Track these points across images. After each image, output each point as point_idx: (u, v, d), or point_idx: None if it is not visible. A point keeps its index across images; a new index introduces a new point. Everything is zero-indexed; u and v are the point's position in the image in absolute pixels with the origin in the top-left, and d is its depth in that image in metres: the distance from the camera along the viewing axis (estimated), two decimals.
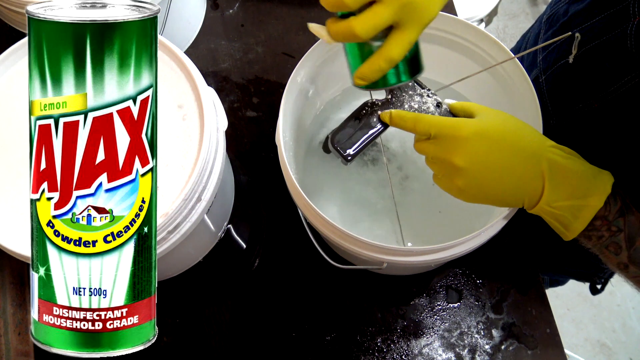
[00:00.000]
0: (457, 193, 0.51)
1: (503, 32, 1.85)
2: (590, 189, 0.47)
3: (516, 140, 0.48)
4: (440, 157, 0.49)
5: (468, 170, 0.48)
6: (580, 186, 0.47)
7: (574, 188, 0.47)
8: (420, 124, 0.50)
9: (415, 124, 0.51)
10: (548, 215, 0.49)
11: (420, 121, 0.50)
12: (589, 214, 0.47)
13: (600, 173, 0.49)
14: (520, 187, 0.48)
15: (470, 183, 0.48)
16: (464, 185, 0.49)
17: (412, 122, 0.51)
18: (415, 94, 0.55)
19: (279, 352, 0.69)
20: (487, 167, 0.48)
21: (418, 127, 0.50)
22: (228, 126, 0.63)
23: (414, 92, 0.55)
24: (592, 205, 0.47)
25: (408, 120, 0.51)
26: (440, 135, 0.49)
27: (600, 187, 0.47)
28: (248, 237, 0.76)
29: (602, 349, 1.42)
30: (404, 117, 0.52)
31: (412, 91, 0.55)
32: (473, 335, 0.69)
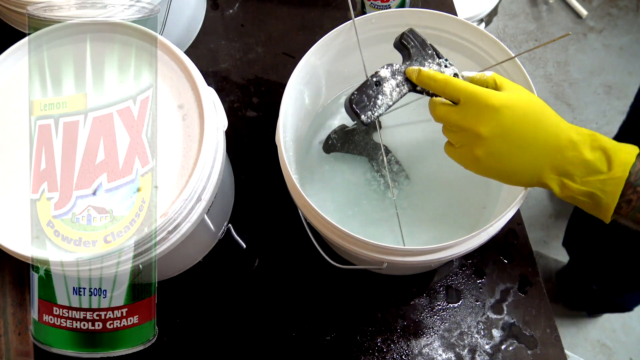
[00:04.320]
0: (472, 163, 0.50)
1: (503, 32, 1.85)
2: (614, 161, 0.47)
3: (540, 117, 0.48)
4: (463, 125, 0.48)
5: (490, 141, 0.47)
6: (603, 161, 0.47)
7: (596, 164, 0.47)
8: (450, 86, 0.49)
9: (445, 85, 0.49)
10: (576, 193, 0.48)
11: (451, 84, 0.49)
12: (617, 187, 0.47)
13: (623, 146, 0.48)
14: (537, 164, 0.48)
15: (489, 154, 0.48)
16: (483, 155, 0.48)
17: (442, 83, 0.49)
18: (434, 63, 0.54)
19: (279, 352, 0.69)
20: (510, 139, 0.47)
21: (447, 89, 0.49)
22: (228, 126, 0.63)
23: (433, 61, 0.55)
24: (618, 177, 0.47)
25: (439, 80, 0.50)
26: (469, 102, 0.48)
27: (622, 159, 0.47)
28: (248, 237, 0.76)
29: (602, 349, 1.42)
30: (434, 77, 0.50)
31: (431, 59, 0.55)
32: (473, 335, 0.69)
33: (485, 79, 0.51)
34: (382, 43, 0.67)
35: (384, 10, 0.67)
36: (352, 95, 0.53)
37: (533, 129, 0.48)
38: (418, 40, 0.55)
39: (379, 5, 0.78)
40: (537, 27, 1.83)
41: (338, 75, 0.72)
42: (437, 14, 0.64)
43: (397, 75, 0.54)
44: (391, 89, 0.54)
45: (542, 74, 1.76)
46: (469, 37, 0.64)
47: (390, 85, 0.54)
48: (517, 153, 0.48)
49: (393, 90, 0.54)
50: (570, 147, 0.47)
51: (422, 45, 0.55)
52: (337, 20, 0.88)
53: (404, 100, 0.69)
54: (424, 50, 0.55)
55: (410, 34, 0.55)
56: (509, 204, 0.56)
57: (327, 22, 0.89)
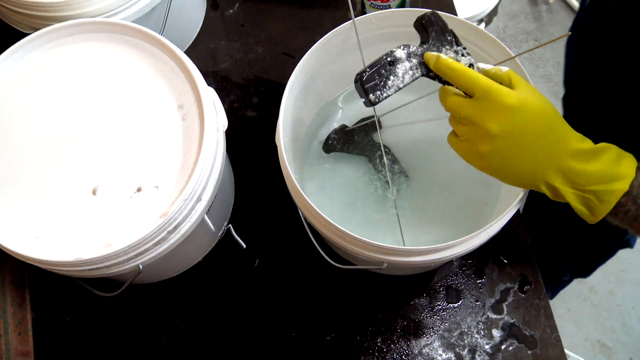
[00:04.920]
0: (475, 158, 0.50)
1: (503, 32, 1.85)
2: (616, 173, 0.47)
3: (550, 123, 0.48)
4: (474, 119, 0.48)
5: (498, 139, 0.47)
6: (606, 172, 0.47)
7: (599, 173, 0.47)
8: (467, 78, 0.48)
9: (461, 76, 0.48)
10: (574, 200, 0.49)
11: (468, 76, 0.48)
12: (614, 198, 0.47)
13: (624, 156, 0.49)
14: (539, 168, 0.48)
15: (494, 152, 0.48)
16: (488, 152, 0.48)
17: (459, 74, 0.49)
18: (451, 50, 0.53)
19: (279, 352, 0.69)
20: (518, 141, 0.47)
21: (463, 81, 0.48)
22: (228, 126, 0.63)
23: (450, 48, 0.53)
24: (618, 189, 0.47)
25: (456, 70, 0.49)
26: (484, 97, 0.47)
27: (625, 172, 0.47)
28: (248, 237, 0.76)
29: (602, 349, 1.42)
30: (452, 66, 0.49)
31: (450, 46, 0.53)
32: (473, 335, 0.69)
33: (500, 75, 0.50)
34: (382, 43, 0.67)
35: (384, 10, 0.67)
36: (364, 72, 0.51)
37: (542, 134, 0.48)
38: (439, 24, 0.53)
39: (379, 5, 0.78)
40: (537, 27, 1.83)
41: (338, 75, 0.72)
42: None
43: (413, 57, 0.52)
44: (404, 71, 0.52)
45: (542, 74, 1.76)
46: (469, 37, 0.64)
47: (404, 67, 0.52)
48: (522, 155, 0.48)
49: (406, 73, 0.52)
50: (576, 156, 0.48)
51: (442, 29, 0.53)
52: (337, 20, 0.89)
53: (404, 100, 0.69)
54: (443, 36, 0.53)
55: (432, 16, 0.53)
56: (509, 204, 0.56)
57: (327, 22, 0.89)
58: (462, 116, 0.49)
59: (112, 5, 0.68)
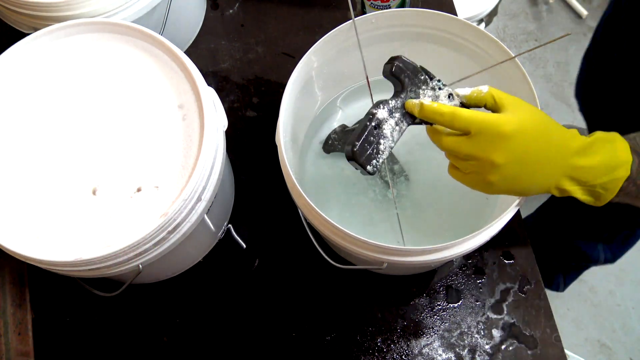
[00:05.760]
0: (486, 188, 0.50)
1: (503, 32, 1.85)
2: (616, 161, 0.49)
3: (548, 134, 0.48)
4: (476, 155, 0.47)
5: (505, 167, 0.47)
6: (608, 162, 0.49)
7: (602, 165, 0.49)
8: (459, 119, 0.47)
9: (453, 119, 0.47)
10: (581, 194, 0.50)
11: (459, 117, 0.47)
12: (618, 184, 0.49)
13: (616, 140, 0.50)
14: (549, 178, 0.49)
15: (504, 178, 0.48)
16: (497, 180, 0.48)
17: (449, 117, 0.47)
18: (428, 88, 0.52)
19: (279, 352, 0.69)
20: (524, 162, 0.47)
21: (456, 122, 0.47)
22: (228, 126, 0.63)
23: (427, 87, 0.52)
24: (621, 176, 0.49)
25: (445, 114, 0.47)
26: (482, 133, 0.47)
27: (623, 157, 0.49)
28: (248, 237, 0.76)
29: (602, 349, 1.42)
30: (439, 111, 0.48)
31: (425, 85, 0.52)
32: (473, 335, 0.69)
33: (483, 97, 0.49)
34: (382, 43, 0.67)
35: (384, 10, 0.67)
36: (354, 147, 0.50)
37: (545, 148, 0.48)
38: (409, 68, 0.52)
39: (379, 5, 0.78)
40: (537, 27, 1.83)
41: (338, 75, 0.72)
42: (437, 14, 0.64)
43: (395, 112, 0.51)
44: (391, 129, 0.51)
45: (542, 74, 1.76)
46: (469, 37, 0.64)
47: (390, 126, 0.51)
48: (531, 171, 0.48)
49: (394, 131, 0.51)
50: (577, 156, 0.48)
51: (414, 72, 0.52)
52: (337, 20, 0.89)
53: None
54: (416, 77, 0.52)
55: (400, 62, 0.51)
56: (509, 204, 0.56)
57: (327, 22, 0.89)
58: (463, 155, 0.48)
59: (112, 5, 0.68)
